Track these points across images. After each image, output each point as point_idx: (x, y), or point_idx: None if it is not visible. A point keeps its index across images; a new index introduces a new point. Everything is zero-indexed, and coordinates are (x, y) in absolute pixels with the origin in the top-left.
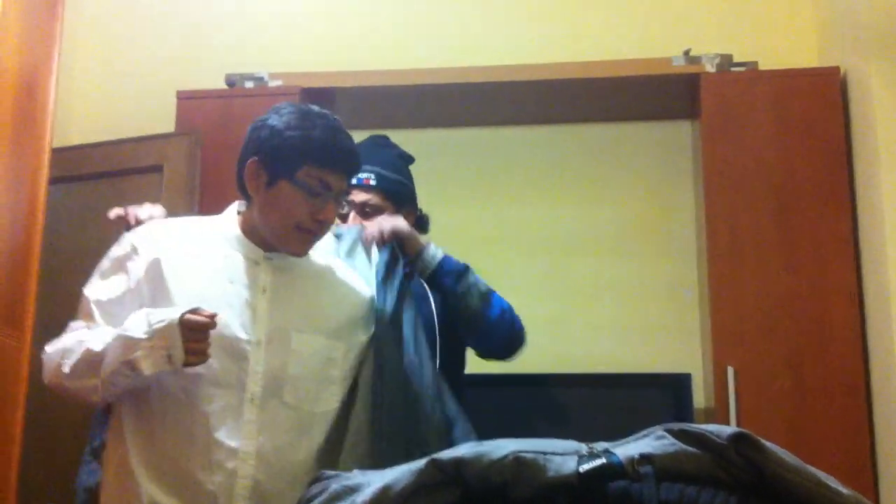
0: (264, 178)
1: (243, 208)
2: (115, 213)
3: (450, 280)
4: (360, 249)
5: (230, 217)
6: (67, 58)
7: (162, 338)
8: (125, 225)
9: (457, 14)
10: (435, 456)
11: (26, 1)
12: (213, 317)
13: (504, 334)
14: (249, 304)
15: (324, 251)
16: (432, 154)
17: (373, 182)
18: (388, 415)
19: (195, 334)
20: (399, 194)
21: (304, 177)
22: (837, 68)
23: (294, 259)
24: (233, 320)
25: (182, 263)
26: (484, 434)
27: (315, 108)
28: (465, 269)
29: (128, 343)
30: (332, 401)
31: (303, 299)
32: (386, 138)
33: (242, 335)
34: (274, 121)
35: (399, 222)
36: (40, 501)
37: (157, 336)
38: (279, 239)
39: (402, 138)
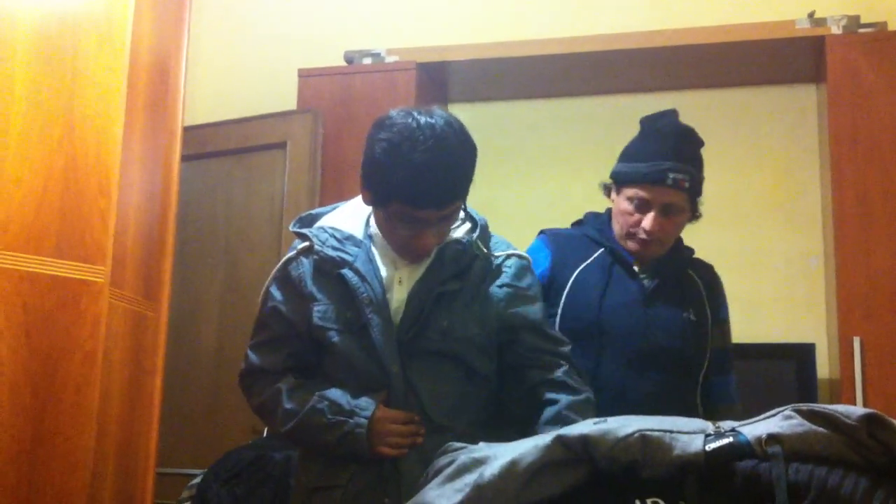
0: (368, 197)
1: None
2: None
3: None
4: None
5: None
6: (193, 40)
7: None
8: None
9: None
10: (561, 433)
11: None
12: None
13: None
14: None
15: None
16: (545, 125)
17: (687, 185)
18: None
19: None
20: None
21: (395, 211)
22: None
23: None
24: None
25: None
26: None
27: (423, 121)
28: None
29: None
30: None
31: None
32: (693, 131)
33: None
34: (377, 141)
35: None
36: (175, 462)
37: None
38: (394, 250)
39: (518, 109)
